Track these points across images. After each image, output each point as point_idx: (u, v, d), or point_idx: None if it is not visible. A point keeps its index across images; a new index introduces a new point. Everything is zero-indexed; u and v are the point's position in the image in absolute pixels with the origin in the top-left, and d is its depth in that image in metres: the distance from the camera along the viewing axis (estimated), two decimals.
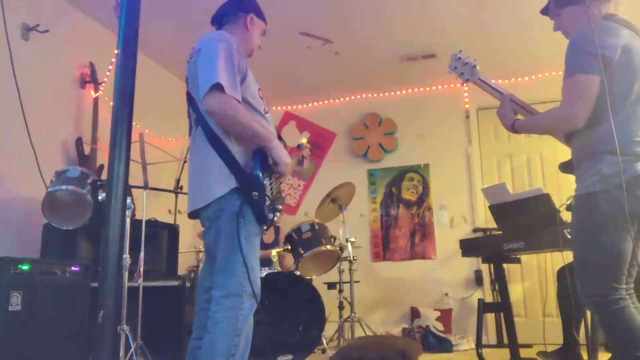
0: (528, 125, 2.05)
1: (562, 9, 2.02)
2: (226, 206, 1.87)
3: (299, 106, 5.79)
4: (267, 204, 1.91)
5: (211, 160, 1.91)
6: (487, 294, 4.80)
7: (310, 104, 5.76)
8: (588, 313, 2.86)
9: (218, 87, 1.82)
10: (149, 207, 3.24)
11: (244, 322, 1.83)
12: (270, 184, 1.98)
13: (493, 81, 2.29)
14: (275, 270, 3.67)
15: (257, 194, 1.86)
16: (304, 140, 2.39)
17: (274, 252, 3.95)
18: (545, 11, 2.15)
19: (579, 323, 3.09)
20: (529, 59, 4.71)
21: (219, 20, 2.18)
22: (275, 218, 1.98)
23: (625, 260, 1.78)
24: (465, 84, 2.32)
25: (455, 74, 2.31)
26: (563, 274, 3.17)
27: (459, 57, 2.29)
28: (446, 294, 4.96)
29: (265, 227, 1.96)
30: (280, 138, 2.08)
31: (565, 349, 3.11)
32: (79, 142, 3.61)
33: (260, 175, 1.90)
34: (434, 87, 5.36)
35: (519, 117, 2.12)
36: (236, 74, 1.90)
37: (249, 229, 1.89)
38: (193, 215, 2.03)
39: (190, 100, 2.03)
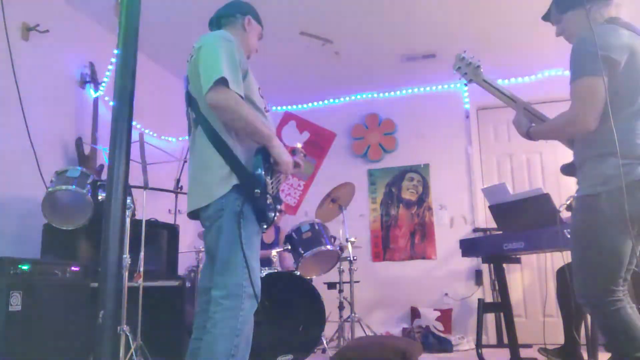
0: (542, 131, 2.04)
1: (564, 14, 2.02)
2: (227, 206, 1.87)
3: (299, 106, 5.79)
4: (268, 202, 1.91)
5: (212, 160, 1.90)
6: (487, 294, 4.80)
7: (310, 104, 5.76)
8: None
9: (222, 82, 1.82)
10: (149, 207, 3.24)
11: (244, 322, 1.83)
12: (271, 183, 1.98)
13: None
14: (275, 270, 3.67)
15: (259, 191, 1.86)
16: (299, 146, 2.39)
17: (274, 252, 3.95)
18: (546, 17, 2.15)
19: (579, 323, 3.09)
20: (529, 59, 4.70)
21: (217, 22, 2.18)
22: (276, 217, 1.97)
23: (624, 262, 1.78)
24: (467, 85, 2.31)
25: (458, 73, 2.31)
26: (562, 274, 3.17)
27: (463, 57, 2.29)
28: (446, 294, 4.96)
29: (265, 226, 1.96)
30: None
31: (566, 348, 3.11)
32: (79, 142, 3.61)
33: (263, 173, 1.90)
34: (434, 87, 5.36)
35: None
36: (239, 70, 1.90)
37: (249, 228, 1.88)
38: (193, 215, 2.02)
39: (190, 101, 2.02)
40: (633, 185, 1.73)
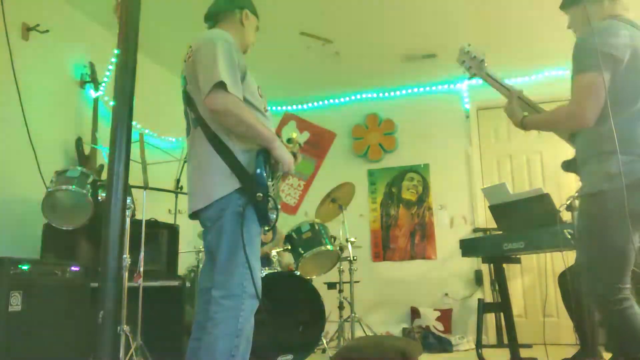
0: (537, 121, 2.05)
1: (569, 9, 2.03)
2: (228, 206, 1.86)
3: (299, 106, 5.79)
4: (270, 205, 1.90)
5: (212, 161, 1.89)
6: (487, 294, 4.80)
7: (310, 104, 5.76)
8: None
9: (221, 86, 1.81)
10: (149, 207, 3.24)
11: (244, 322, 1.82)
12: (272, 185, 1.98)
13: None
14: (275, 270, 3.67)
15: (261, 195, 1.85)
16: (294, 135, 2.36)
17: (273, 252, 3.95)
18: (563, 7, 2.15)
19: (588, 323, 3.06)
20: (530, 59, 4.70)
21: (215, 17, 2.16)
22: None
23: (631, 260, 1.78)
24: (470, 79, 2.32)
25: (463, 67, 2.31)
26: (564, 279, 3.16)
27: (468, 51, 2.28)
28: (446, 294, 4.96)
29: (267, 228, 1.96)
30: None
31: (583, 350, 3.09)
32: (79, 142, 3.61)
33: (264, 175, 1.89)
34: (434, 87, 5.36)
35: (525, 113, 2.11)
36: (237, 71, 1.89)
37: (250, 229, 1.88)
38: (194, 216, 2.02)
39: (188, 100, 2.01)
40: (638, 183, 1.73)
